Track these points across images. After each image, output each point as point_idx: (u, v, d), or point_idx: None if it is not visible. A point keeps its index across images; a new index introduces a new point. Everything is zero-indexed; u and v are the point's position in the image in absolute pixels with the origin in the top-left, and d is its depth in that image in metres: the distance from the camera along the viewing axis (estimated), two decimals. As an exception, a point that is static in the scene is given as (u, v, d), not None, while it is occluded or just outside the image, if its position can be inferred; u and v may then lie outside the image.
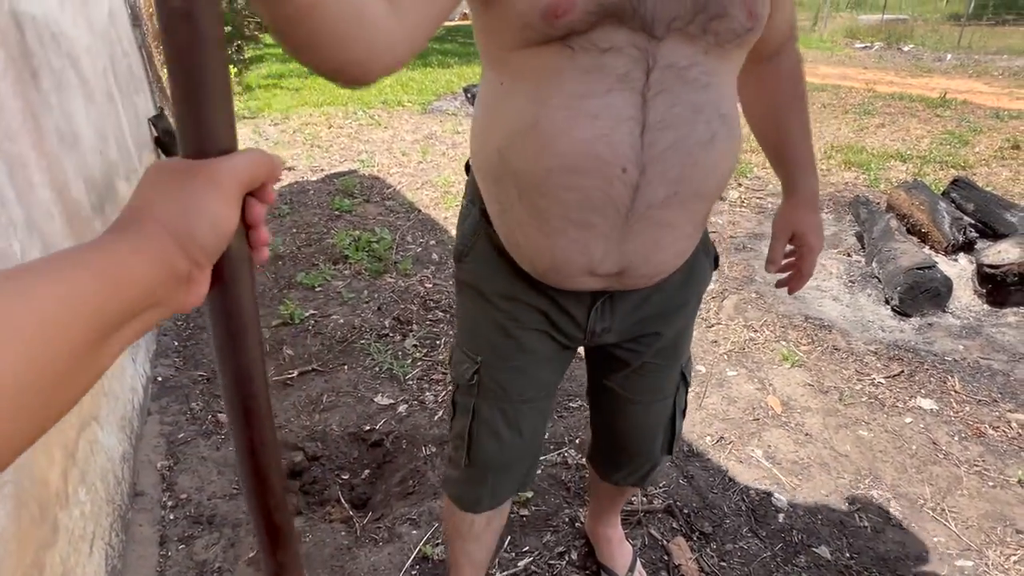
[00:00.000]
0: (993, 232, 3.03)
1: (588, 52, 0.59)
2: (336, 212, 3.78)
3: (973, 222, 3.07)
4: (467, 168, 0.94)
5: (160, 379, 2.22)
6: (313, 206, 3.94)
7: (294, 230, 3.55)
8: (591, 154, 0.64)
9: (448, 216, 3.68)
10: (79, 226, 1.73)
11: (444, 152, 5.21)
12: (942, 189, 3.44)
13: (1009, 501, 1.57)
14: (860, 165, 4.45)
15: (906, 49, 12.68)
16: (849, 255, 3.02)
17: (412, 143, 5.56)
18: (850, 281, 2.75)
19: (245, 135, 6.03)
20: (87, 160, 2.00)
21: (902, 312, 2.46)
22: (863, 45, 13.54)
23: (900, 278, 2.47)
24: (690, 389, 1.16)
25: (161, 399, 2.11)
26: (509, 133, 0.69)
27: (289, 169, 4.83)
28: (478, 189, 0.86)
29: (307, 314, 2.61)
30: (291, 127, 6.32)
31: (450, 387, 1.03)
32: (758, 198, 3.87)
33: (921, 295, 2.44)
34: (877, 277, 2.68)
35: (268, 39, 19.06)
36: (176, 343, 2.46)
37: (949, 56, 11.36)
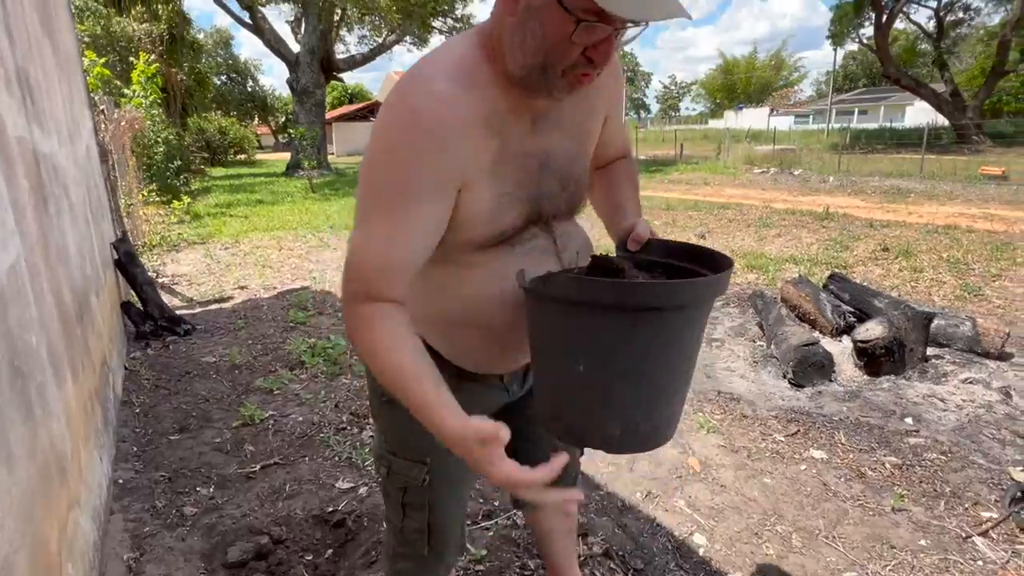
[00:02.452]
0: (868, 316, 3.58)
1: (522, 244, 0.92)
2: (291, 324, 4.00)
3: (851, 309, 3.63)
4: None
5: (120, 481, 2.28)
6: (268, 320, 4.15)
7: (250, 342, 3.73)
8: None
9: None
10: (69, 331, 1.92)
11: (392, 268, 5.59)
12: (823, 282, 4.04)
13: (886, 525, 1.87)
14: (760, 268, 5.12)
15: (796, 173, 14.57)
16: (754, 341, 3.48)
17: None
18: (754, 361, 3.17)
19: (196, 258, 6.26)
20: (73, 275, 2.22)
21: (797, 384, 2.86)
22: (760, 170, 15.46)
23: (791, 355, 2.91)
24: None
25: (123, 499, 2.17)
26: (471, 299, 0.90)
27: (242, 288, 5.05)
28: None
29: (267, 415, 2.75)
30: (242, 250, 6.60)
31: (393, 493, 1.09)
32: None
33: (810, 367, 2.86)
34: (775, 356, 3.11)
35: (214, 172, 19.77)
36: (135, 448, 2.53)
37: (831, 178, 13.15)
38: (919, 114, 32.97)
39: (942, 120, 24.27)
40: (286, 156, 22.16)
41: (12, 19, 1.82)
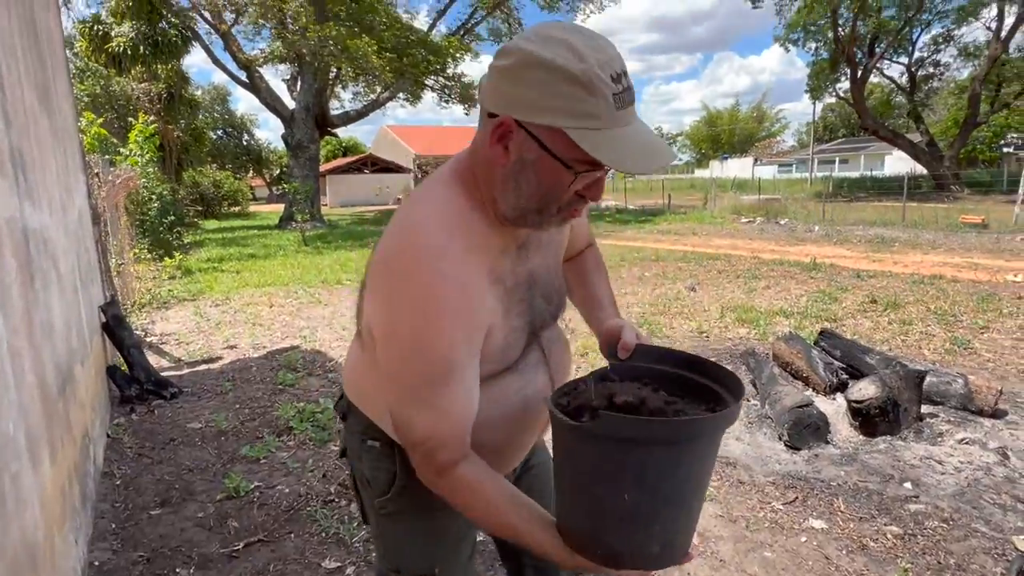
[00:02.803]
0: (860, 373, 3.57)
1: (519, 364, 0.92)
2: (280, 386, 3.94)
3: (842, 365, 3.62)
4: (344, 416, 1.04)
5: (97, 563, 2.19)
6: (256, 381, 4.09)
7: (237, 406, 3.66)
8: (536, 416, 0.96)
9: (389, 384, 3.91)
10: (49, 408, 1.88)
11: (383, 325, 5.56)
12: (814, 339, 4.05)
13: (891, 603, 1.81)
14: (751, 322, 5.13)
15: (782, 223, 14.83)
16: (748, 399, 3.45)
17: (352, 318, 5.89)
18: (749, 423, 3.13)
19: (186, 316, 6.21)
20: (57, 348, 2.19)
21: (793, 446, 2.83)
22: (747, 220, 15.73)
23: (786, 416, 2.88)
24: None
25: (98, 584, 2.08)
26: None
27: (231, 347, 4.99)
28: (379, 429, 0.97)
29: (252, 486, 2.67)
30: (232, 307, 6.56)
31: None
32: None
33: (805, 430, 2.83)
34: (770, 417, 3.09)
35: (208, 224, 19.88)
36: (113, 525, 2.44)
37: (817, 228, 13.39)
38: (898, 163, 33.97)
39: (920, 168, 25.00)
40: (280, 208, 22.36)
41: (10, 102, 1.85)
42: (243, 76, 18.07)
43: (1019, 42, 23.15)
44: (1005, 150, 35.54)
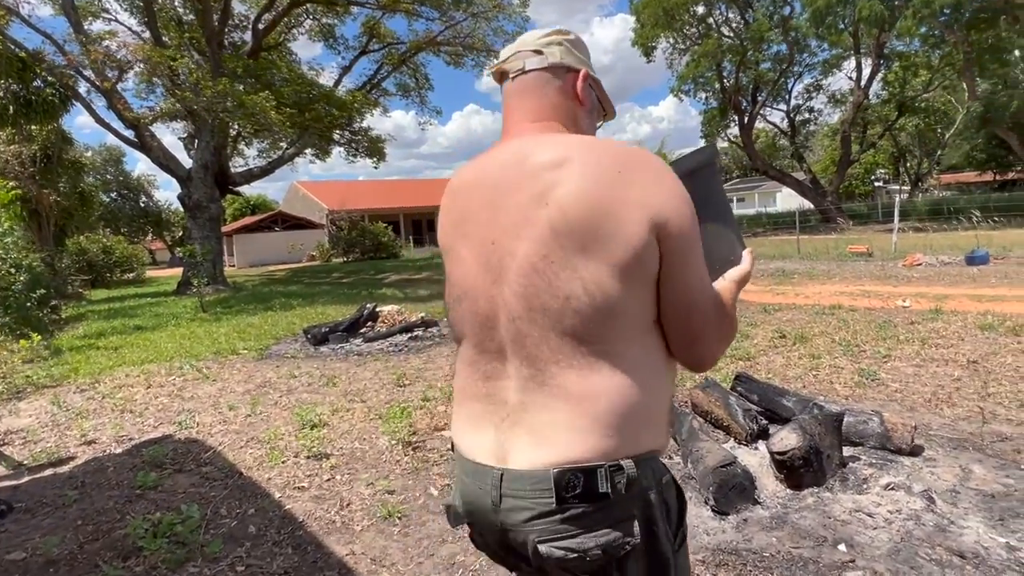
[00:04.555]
0: (779, 416, 3.45)
1: None
2: (137, 491, 3.31)
3: (760, 410, 3.49)
4: (628, 491, 0.86)
5: None
6: (110, 487, 3.42)
7: (79, 522, 3.01)
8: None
9: (272, 477, 3.38)
10: None
11: (276, 401, 4.99)
12: (731, 384, 3.93)
13: None
14: (668, 367, 5.00)
15: (691, 260, 15.38)
16: (670, 457, 3.22)
17: (242, 395, 5.27)
18: (673, 485, 2.88)
19: (42, 406, 5.35)
20: None
21: (720, 511, 2.59)
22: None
23: (710, 478, 2.65)
24: None
25: None
26: (671, 380, 1.00)
27: (89, 443, 4.26)
28: (642, 463, 0.89)
29: (73, 640, 2.09)
30: (100, 392, 5.73)
31: None
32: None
33: (730, 491, 2.61)
34: (693, 477, 2.85)
35: (95, 295, 18.11)
36: None
37: (723, 264, 13.96)
38: (788, 199, 36.80)
39: (808, 204, 27.12)
40: (181, 272, 20.83)
41: None
42: (131, 135, 16.94)
43: (876, 90, 26.00)
44: (876, 184, 39.43)
